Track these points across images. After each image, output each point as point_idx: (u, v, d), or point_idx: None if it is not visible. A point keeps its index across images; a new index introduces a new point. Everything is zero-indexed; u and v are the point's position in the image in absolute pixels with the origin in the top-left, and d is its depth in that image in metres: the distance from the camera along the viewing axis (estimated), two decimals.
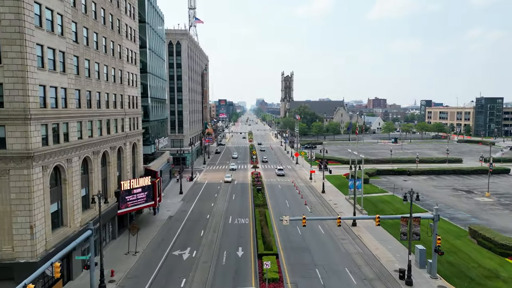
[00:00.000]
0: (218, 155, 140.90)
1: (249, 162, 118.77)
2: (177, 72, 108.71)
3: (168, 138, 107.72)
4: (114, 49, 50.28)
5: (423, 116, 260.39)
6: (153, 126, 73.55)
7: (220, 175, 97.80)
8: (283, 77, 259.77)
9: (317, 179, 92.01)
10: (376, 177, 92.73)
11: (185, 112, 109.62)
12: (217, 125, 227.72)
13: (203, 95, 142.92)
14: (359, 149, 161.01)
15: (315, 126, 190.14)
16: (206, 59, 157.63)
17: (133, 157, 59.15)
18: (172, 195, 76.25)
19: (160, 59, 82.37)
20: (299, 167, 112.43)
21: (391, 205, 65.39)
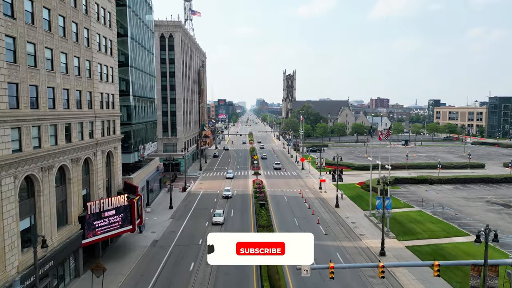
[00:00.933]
0: (216, 159, 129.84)
1: (250, 168, 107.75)
2: (170, 69, 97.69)
3: (160, 142, 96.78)
4: (79, 33, 39.24)
5: (431, 116, 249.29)
6: (138, 130, 62.51)
7: (218, 184, 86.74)
8: (285, 76, 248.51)
9: (328, 188, 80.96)
10: (395, 187, 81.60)
11: (178, 112, 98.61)
12: (216, 126, 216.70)
13: (200, 94, 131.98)
14: (366, 152, 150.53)
15: (319, 127, 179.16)
16: (204, 55, 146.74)
17: (109, 169, 48.13)
18: (160, 209, 65.20)
19: (147, 52, 71.37)
20: (305, 173, 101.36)
21: (422, 225, 54.22)
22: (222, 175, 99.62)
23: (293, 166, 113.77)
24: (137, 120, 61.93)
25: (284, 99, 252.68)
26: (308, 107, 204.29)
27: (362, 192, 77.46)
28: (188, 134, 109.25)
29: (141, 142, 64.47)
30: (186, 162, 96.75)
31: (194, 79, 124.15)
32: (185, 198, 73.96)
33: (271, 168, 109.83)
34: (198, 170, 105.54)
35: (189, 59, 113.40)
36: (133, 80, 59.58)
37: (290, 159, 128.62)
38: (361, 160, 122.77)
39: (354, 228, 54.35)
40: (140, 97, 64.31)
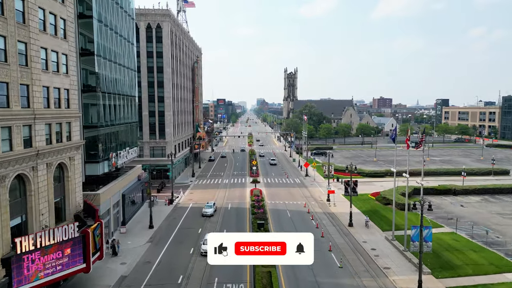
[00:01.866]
0: (211, 163, 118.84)
1: (248, 174, 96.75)
2: (157, 63, 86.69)
3: (147, 146, 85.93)
4: (5, 3, 28.31)
5: (439, 116, 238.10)
6: (110, 134, 51.52)
7: (210, 194, 75.75)
8: (286, 74, 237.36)
9: (338, 200, 70.00)
10: (414, 199, 70.51)
11: (167, 112, 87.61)
12: (213, 127, 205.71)
13: (194, 93, 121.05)
14: (376, 155, 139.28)
15: (323, 128, 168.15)
16: (199, 51, 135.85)
17: (61, 186, 37.18)
18: (138, 229, 54.21)
19: (126, 42, 60.45)
20: (310, 181, 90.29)
21: (462, 255, 43.07)
22: (216, 182, 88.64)
23: (296, 172, 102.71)
24: (109, 122, 50.94)
25: (285, 98, 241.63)
26: (311, 107, 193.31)
27: (378, 206, 66.43)
28: (179, 137, 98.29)
29: (115, 148, 53.46)
30: (173, 169, 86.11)
31: (187, 76, 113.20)
32: (171, 213, 62.93)
33: (271, 174, 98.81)
34: (190, 177, 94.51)
35: (181, 54, 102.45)
36: (102, 73, 48.58)
37: (292, 164, 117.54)
38: (370, 165, 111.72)
39: (375, 258, 43.32)
40: (114, 94, 53.31)
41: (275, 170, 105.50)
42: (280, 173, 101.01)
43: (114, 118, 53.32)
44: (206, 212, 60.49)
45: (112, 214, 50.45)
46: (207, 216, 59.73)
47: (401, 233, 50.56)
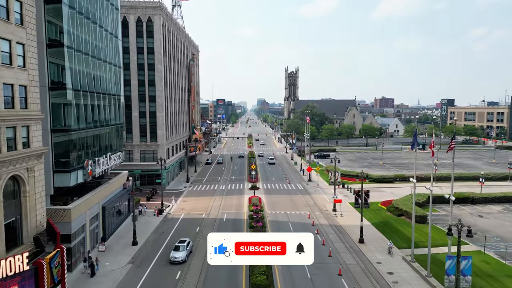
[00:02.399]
0: (208, 166, 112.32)
1: (247, 179, 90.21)
2: (148, 60, 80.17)
3: (137, 149, 79.52)
4: None
5: (445, 117, 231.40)
6: (86, 138, 45.01)
7: (205, 203, 69.27)
8: (287, 73, 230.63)
9: (345, 210, 63.36)
10: (426, 208, 63.93)
11: (159, 113, 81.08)
12: (211, 128, 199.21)
13: (190, 92, 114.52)
14: (382, 158, 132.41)
15: (325, 129, 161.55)
16: (195, 48, 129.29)
17: (17, 204, 30.69)
18: (120, 247, 47.72)
19: (107, 35, 53.95)
20: (313, 187, 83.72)
21: (499, 284, 36.37)
22: (212, 189, 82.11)
23: (298, 177, 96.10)
24: (85, 124, 44.40)
25: (286, 98, 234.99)
26: (313, 107, 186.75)
27: (390, 217, 59.75)
28: (173, 139, 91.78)
29: (93, 154, 46.92)
30: (166, 175, 79.73)
31: (183, 74, 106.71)
32: (159, 226, 56.40)
33: (271, 179, 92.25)
34: (184, 182, 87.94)
35: (175, 50, 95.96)
36: (76, 68, 42.03)
37: (293, 167, 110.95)
38: (377, 169, 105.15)
39: (394, 286, 36.69)
40: (92, 92, 46.78)
41: (276, 174, 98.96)
42: (281, 177, 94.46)
43: (92, 120, 46.78)
44: (176, 259, 41.57)
45: (88, 230, 43.95)
46: (177, 263, 41.52)
47: (420, 252, 44.14)
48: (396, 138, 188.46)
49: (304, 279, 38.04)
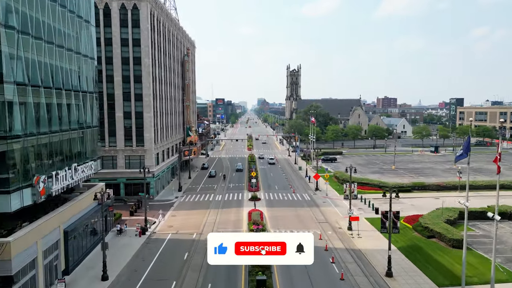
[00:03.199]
0: (204, 172, 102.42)
1: (247, 188, 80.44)
2: (134, 53, 70.36)
3: (121, 154, 69.76)
4: None
5: (453, 117, 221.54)
6: (39, 147, 35.09)
7: (198, 219, 59.50)
8: (289, 71, 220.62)
9: (363, 229, 53.52)
10: (461, 227, 54.06)
11: (147, 113, 71.26)
12: (209, 129, 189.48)
13: (185, 91, 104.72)
14: (394, 163, 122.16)
15: (330, 130, 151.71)
16: (191, 43, 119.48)
17: None
18: (85, 284, 37.82)
19: (76, 19, 44.14)
20: (322, 197, 73.91)
21: None
22: (207, 199, 72.31)
23: (304, 184, 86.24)
24: (34, 129, 34.49)
25: (287, 97, 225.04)
26: (317, 107, 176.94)
27: (418, 239, 49.78)
28: (164, 143, 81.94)
29: (50, 167, 37.02)
30: (155, 183, 70.10)
31: (176, 71, 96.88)
32: (140, 251, 46.55)
33: (274, 187, 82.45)
34: (175, 191, 78.07)
35: (166, 43, 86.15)
36: (20, 54, 32.12)
37: (298, 173, 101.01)
38: (390, 175, 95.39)
39: None
40: (46, 88, 36.86)
41: (279, 181, 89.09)
42: (284, 185, 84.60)
43: (49, 123, 36.90)
44: None
45: (41, 265, 34.15)
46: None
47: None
48: (404, 140, 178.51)
49: None
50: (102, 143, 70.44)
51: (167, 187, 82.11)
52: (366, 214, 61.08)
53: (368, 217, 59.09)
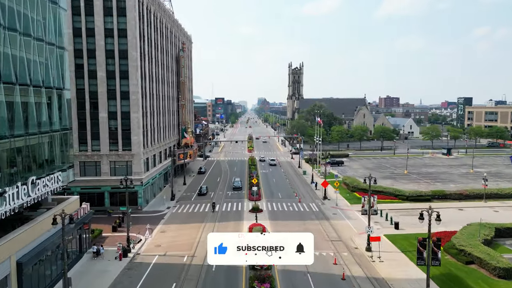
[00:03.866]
0: (201, 177, 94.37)
1: (247, 196, 72.38)
2: (120, 45, 62.26)
3: (105, 159, 61.77)
4: None
5: (461, 117, 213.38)
6: None
7: (191, 235, 51.54)
8: (291, 69, 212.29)
9: (384, 250, 45.37)
10: (500, 248, 45.90)
11: (134, 114, 63.17)
12: (208, 129, 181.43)
13: (180, 88, 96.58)
14: (397, 164, 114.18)
15: (335, 131, 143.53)
16: (187, 38, 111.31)
17: None
18: None
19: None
20: (331, 206, 65.90)
21: None
22: (203, 210, 64.27)
23: (310, 191, 78.18)
24: None
25: (289, 96, 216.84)
26: (320, 106, 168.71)
27: (454, 265, 41.47)
28: (155, 146, 73.86)
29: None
30: (144, 192, 62.15)
31: (169, 67, 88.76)
32: (117, 281, 38.41)
33: (277, 195, 74.44)
34: (168, 200, 69.99)
35: (158, 37, 78.07)
36: None
37: (303, 178, 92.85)
38: (403, 180, 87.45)
39: None
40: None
41: (282, 188, 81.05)
42: (288, 193, 76.53)
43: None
44: None
45: None
46: None
47: None
48: (412, 141, 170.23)
49: None
50: (84, 147, 62.59)
51: (158, 195, 74.02)
52: (385, 229, 53.01)
53: (387, 234, 51.04)
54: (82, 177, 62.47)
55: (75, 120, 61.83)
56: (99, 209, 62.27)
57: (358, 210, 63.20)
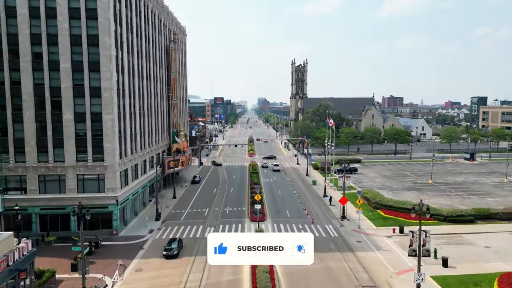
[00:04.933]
0: (195, 187, 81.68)
1: (249, 216, 59.62)
2: (89, 29, 49.56)
3: (71, 172, 49.26)
4: None
5: (475, 118, 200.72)
6: None
7: (175, 277, 38.69)
8: (294, 67, 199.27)
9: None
10: None
11: (107, 115, 50.46)
12: (205, 131, 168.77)
13: (171, 86, 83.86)
14: (417, 171, 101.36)
15: (344, 133, 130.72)
16: (180, 28, 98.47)
17: None
18: None
19: None
20: (352, 229, 53.23)
21: None
22: (194, 235, 51.51)
23: (322, 208, 65.42)
24: None
25: (292, 96, 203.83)
26: (327, 106, 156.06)
27: None
28: (137, 154, 61.14)
29: None
30: (114, 217, 49.97)
31: (157, 60, 76.03)
32: None
33: (284, 214, 61.74)
34: (151, 221, 57.23)
35: (142, 23, 65.41)
36: None
37: (312, 189, 79.95)
38: (431, 193, 74.93)
39: None
40: None
41: (290, 203, 68.34)
42: (298, 210, 63.83)
43: None
44: None
45: None
46: None
47: None
48: (426, 144, 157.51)
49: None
50: (44, 157, 50.07)
51: (141, 214, 61.27)
52: (429, 267, 40.09)
53: (435, 275, 38.39)
54: (41, 194, 50.10)
55: (32, 122, 49.51)
56: (63, 235, 49.89)
57: (387, 236, 50.72)
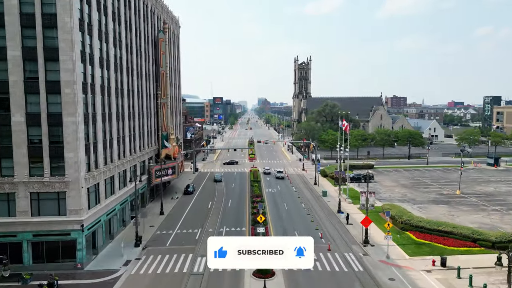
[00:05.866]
0: (188, 199, 70.71)
1: None
2: (44, 7, 38.58)
3: (22, 190, 38.13)
4: None
5: (489, 118, 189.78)
6: None
7: None
8: (297, 65, 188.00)
9: None
10: None
11: (69, 117, 39.55)
12: (202, 133, 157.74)
13: (160, 82, 72.86)
14: (437, 178, 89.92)
15: (354, 136, 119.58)
16: (172, 18, 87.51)
17: None
18: None
19: None
20: (380, 262, 42.25)
21: None
22: (180, 269, 40.55)
23: (339, 228, 54.31)
24: None
25: (295, 95, 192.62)
26: (333, 106, 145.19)
27: None
28: (112, 165, 50.14)
29: None
30: (79, 246, 38.96)
31: (142, 52, 65.00)
32: None
33: (293, 235, 50.50)
34: (130, 247, 46.19)
35: (121, 6, 54.41)
36: None
37: (323, 202, 68.68)
38: (462, 206, 64.47)
39: None
40: None
41: (299, 221, 57.37)
42: (309, 231, 52.61)
43: None
44: None
45: None
46: None
47: None
48: (440, 146, 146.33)
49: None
50: None
51: (118, 236, 50.26)
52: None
53: None
54: None
55: None
56: (13, 270, 38.81)
57: (426, 270, 39.77)
